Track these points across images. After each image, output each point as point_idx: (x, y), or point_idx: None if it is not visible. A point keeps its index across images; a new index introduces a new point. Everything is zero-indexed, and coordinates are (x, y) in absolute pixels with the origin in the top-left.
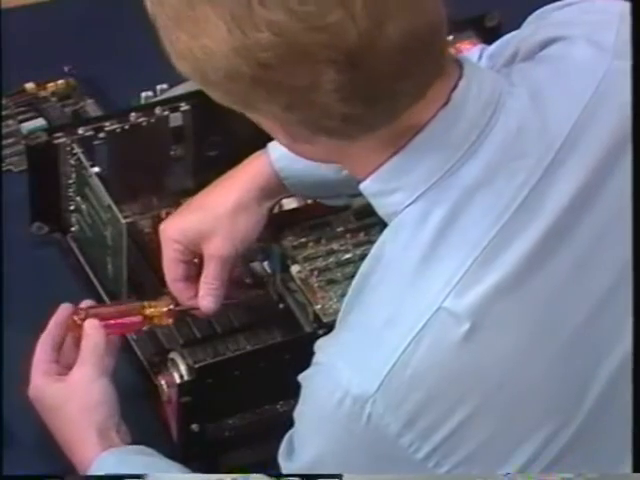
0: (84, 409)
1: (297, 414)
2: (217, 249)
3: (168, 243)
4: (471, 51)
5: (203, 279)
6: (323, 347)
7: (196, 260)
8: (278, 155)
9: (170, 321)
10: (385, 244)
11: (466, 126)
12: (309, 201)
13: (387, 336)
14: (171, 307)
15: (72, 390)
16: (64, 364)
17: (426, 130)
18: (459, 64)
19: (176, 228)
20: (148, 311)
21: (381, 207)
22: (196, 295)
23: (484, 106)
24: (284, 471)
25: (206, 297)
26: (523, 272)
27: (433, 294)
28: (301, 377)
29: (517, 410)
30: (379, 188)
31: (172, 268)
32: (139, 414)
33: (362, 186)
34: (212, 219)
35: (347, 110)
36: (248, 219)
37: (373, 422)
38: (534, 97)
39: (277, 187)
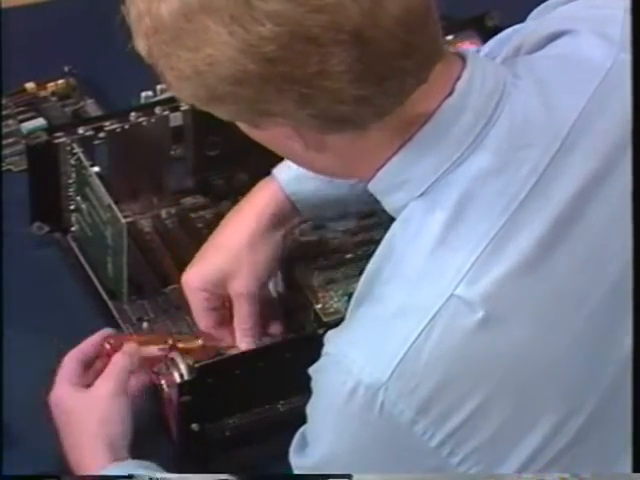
0: (101, 421)
1: (309, 408)
2: (242, 287)
3: (193, 293)
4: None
5: (237, 321)
6: (333, 338)
7: (227, 303)
8: (287, 179)
9: (203, 356)
10: (394, 237)
11: (471, 116)
12: None
13: (399, 325)
14: (202, 343)
15: (93, 401)
16: (86, 383)
17: (431, 122)
18: (461, 56)
19: (197, 277)
20: (180, 345)
21: (390, 203)
22: (231, 333)
23: (488, 96)
24: (296, 468)
25: (244, 339)
26: (534, 259)
27: (445, 282)
28: (312, 370)
29: (530, 396)
30: (387, 183)
31: (203, 318)
32: (139, 414)
33: (371, 184)
34: (230, 258)
35: (358, 92)
36: (266, 250)
37: (386, 410)
38: (540, 87)
39: (289, 212)
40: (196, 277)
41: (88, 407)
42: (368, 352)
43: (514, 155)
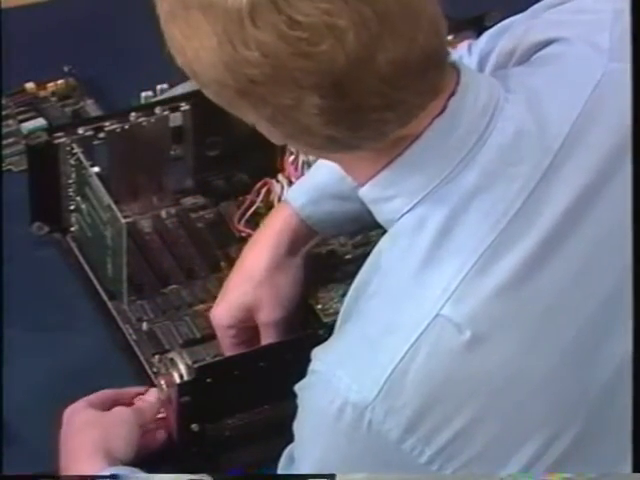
0: (103, 436)
1: (296, 425)
2: (268, 316)
3: (222, 331)
4: (460, 48)
5: None
6: (320, 355)
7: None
8: (301, 204)
9: None
10: (382, 253)
11: (463, 133)
12: None
13: (385, 343)
14: None
15: (104, 419)
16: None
17: (423, 138)
18: (456, 71)
19: (224, 313)
20: None
21: (379, 214)
22: None
23: (481, 113)
24: None
25: None
26: (523, 277)
27: (431, 301)
28: (298, 387)
29: (519, 412)
30: (377, 195)
31: (233, 352)
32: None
33: (360, 192)
34: (252, 289)
35: (329, 132)
36: (287, 277)
37: (374, 428)
38: (531, 102)
39: (306, 235)
40: (222, 315)
41: (95, 422)
42: (355, 370)
43: (505, 171)
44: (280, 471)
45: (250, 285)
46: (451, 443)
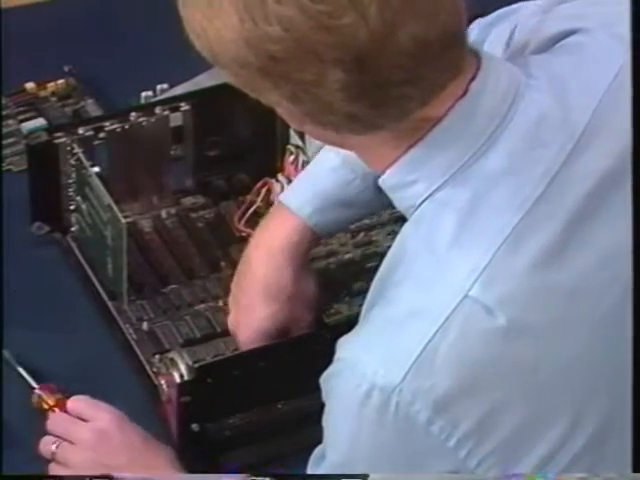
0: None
1: (324, 419)
2: (302, 324)
3: (250, 347)
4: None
5: None
6: (344, 344)
7: None
8: (308, 213)
9: None
10: (406, 238)
11: (485, 117)
12: None
13: (412, 326)
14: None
15: (119, 424)
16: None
17: (444, 122)
18: (475, 54)
19: (256, 335)
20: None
21: (400, 200)
22: None
23: (502, 97)
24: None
25: None
26: (549, 259)
27: (458, 283)
28: (323, 378)
29: (547, 394)
30: (398, 180)
31: None
32: (139, 414)
33: (381, 180)
34: (283, 307)
35: (351, 109)
36: (310, 283)
37: (402, 411)
38: (554, 87)
39: (315, 240)
40: (254, 335)
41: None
42: (381, 354)
43: (528, 155)
44: (310, 468)
45: (279, 304)
46: (479, 426)
